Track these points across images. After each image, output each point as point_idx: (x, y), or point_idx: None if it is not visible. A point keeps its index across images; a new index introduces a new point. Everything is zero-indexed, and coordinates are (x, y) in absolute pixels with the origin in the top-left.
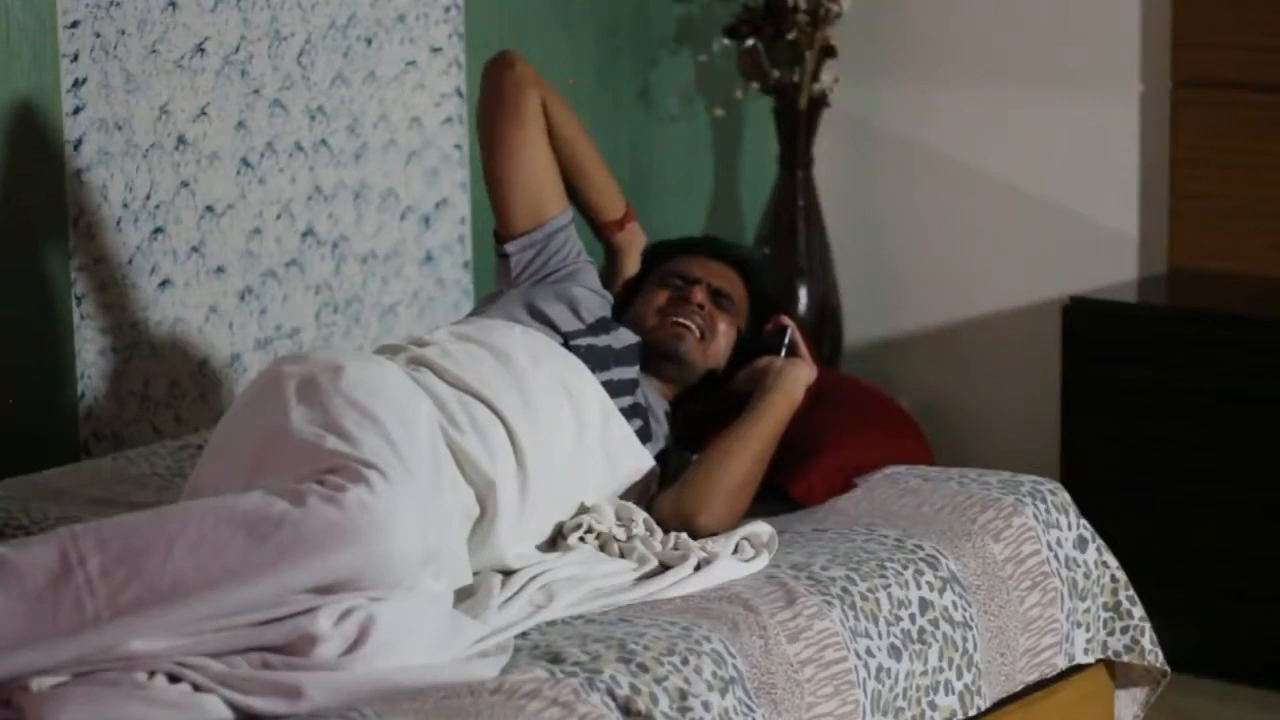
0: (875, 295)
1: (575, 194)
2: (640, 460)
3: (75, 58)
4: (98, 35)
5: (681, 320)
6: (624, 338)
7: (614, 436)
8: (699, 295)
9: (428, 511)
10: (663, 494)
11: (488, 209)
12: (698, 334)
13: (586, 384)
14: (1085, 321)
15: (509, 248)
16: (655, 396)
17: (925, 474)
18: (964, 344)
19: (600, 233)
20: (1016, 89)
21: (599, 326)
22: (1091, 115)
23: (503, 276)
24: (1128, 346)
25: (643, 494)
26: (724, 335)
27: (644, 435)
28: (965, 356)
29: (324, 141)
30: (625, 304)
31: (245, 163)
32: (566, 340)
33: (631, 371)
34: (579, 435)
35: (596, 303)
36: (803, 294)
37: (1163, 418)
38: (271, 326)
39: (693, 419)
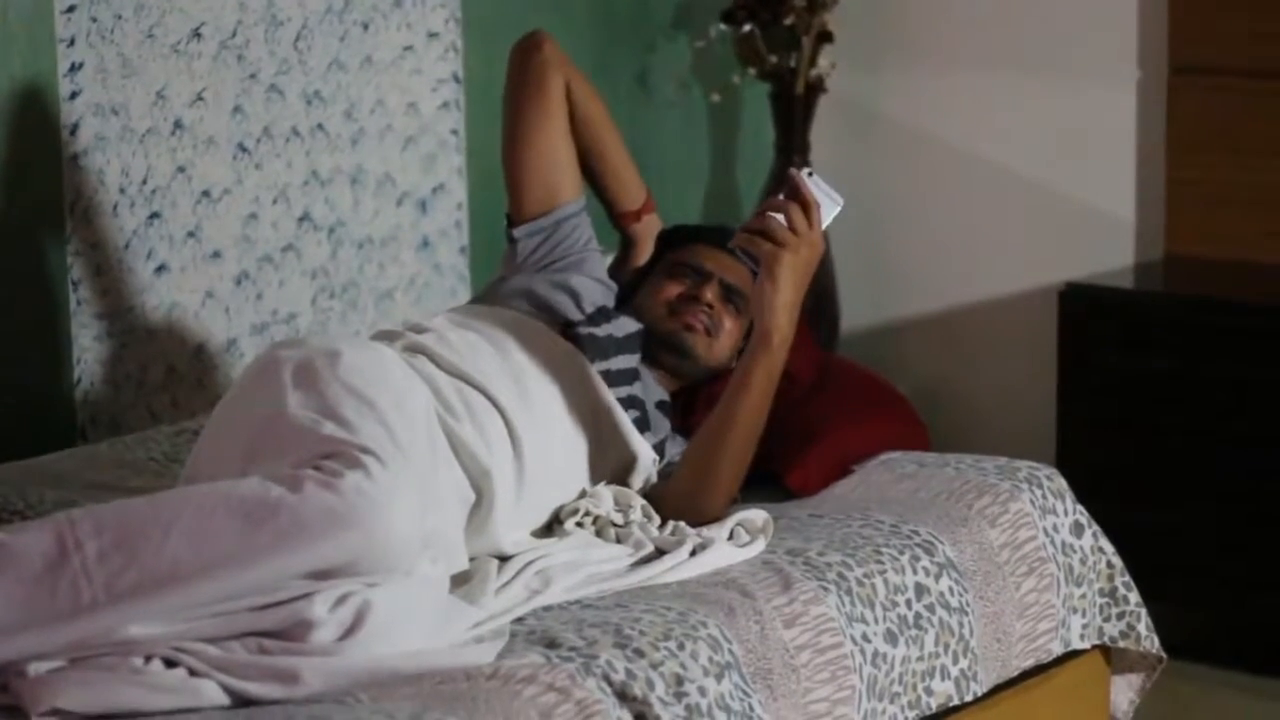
0: (872, 281)
1: (594, 180)
2: (637, 450)
3: (72, 42)
4: (94, 20)
5: (691, 319)
6: (625, 326)
7: (611, 426)
8: (708, 294)
9: (424, 497)
10: (662, 486)
11: (485, 194)
12: (704, 332)
13: (584, 374)
14: (1081, 307)
15: (517, 232)
16: (655, 386)
17: (922, 459)
18: (961, 329)
19: (617, 222)
20: (1013, 75)
21: (599, 316)
22: (1088, 101)
23: (509, 260)
24: (1124, 332)
25: (641, 483)
26: (730, 333)
27: (641, 425)
28: (962, 342)
29: (321, 126)
30: (633, 288)
31: (242, 148)
32: (565, 329)
33: (633, 360)
34: (576, 425)
35: (599, 292)
36: None
37: (1159, 403)
38: (268, 311)
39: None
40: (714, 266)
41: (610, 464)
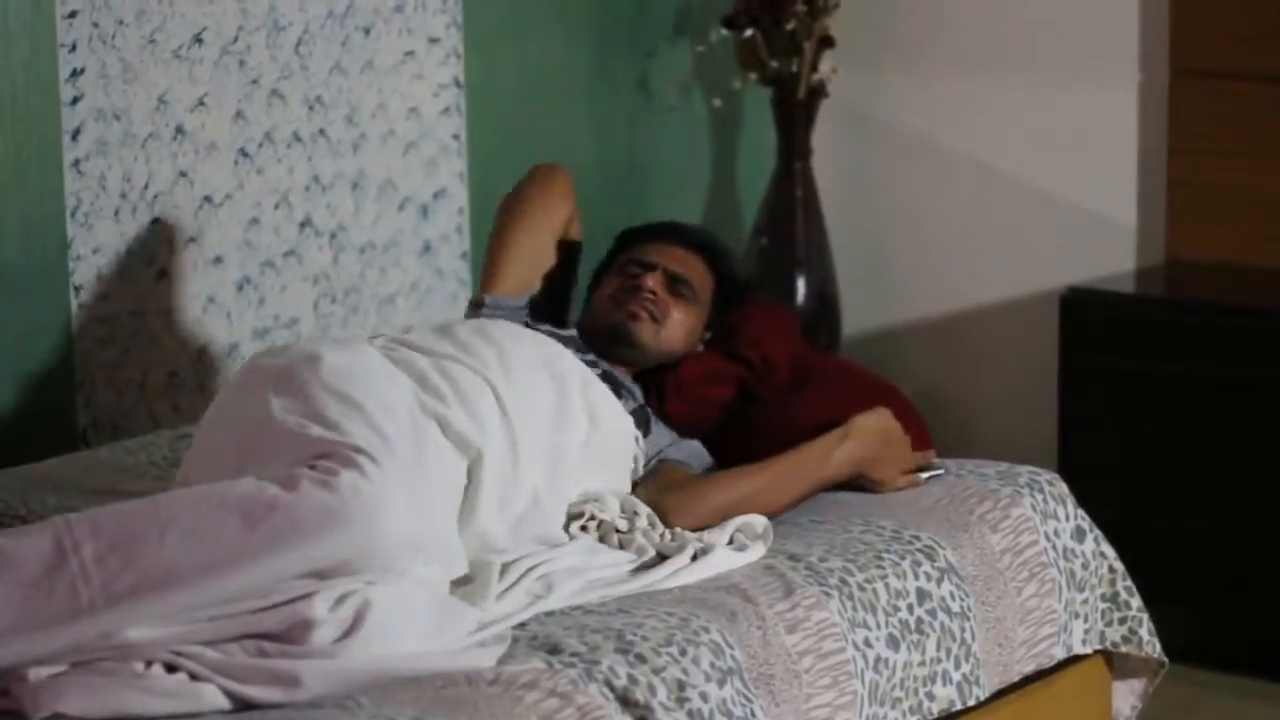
0: (873, 285)
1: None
2: (620, 420)
3: (73, 48)
4: (95, 25)
5: (632, 307)
6: (576, 338)
7: (594, 398)
8: (649, 282)
9: (415, 496)
10: (654, 483)
11: (486, 199)
12: (649, 319)
13: (562, 352)
14: (1082, 312)
15: (488, 298)
16: (618, 371)
17: (922, 462)
18: (962, 334)
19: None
20: (1015, 78)
21: (555, 326)
22: (1090, 104)
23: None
24: (1125, 337)
25: (624, 456)
26: (679, 322)
27: (615, 394)
28: (963, 347)
29: (322, 131)
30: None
31: (243, 153)
32: (529, 325)
33: (590, 355)
34: (560, 396)
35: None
36: (801, 285)
37: (1160, 408)
38: (270, 317)
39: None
40: (658, 258)
41: (596, 433)
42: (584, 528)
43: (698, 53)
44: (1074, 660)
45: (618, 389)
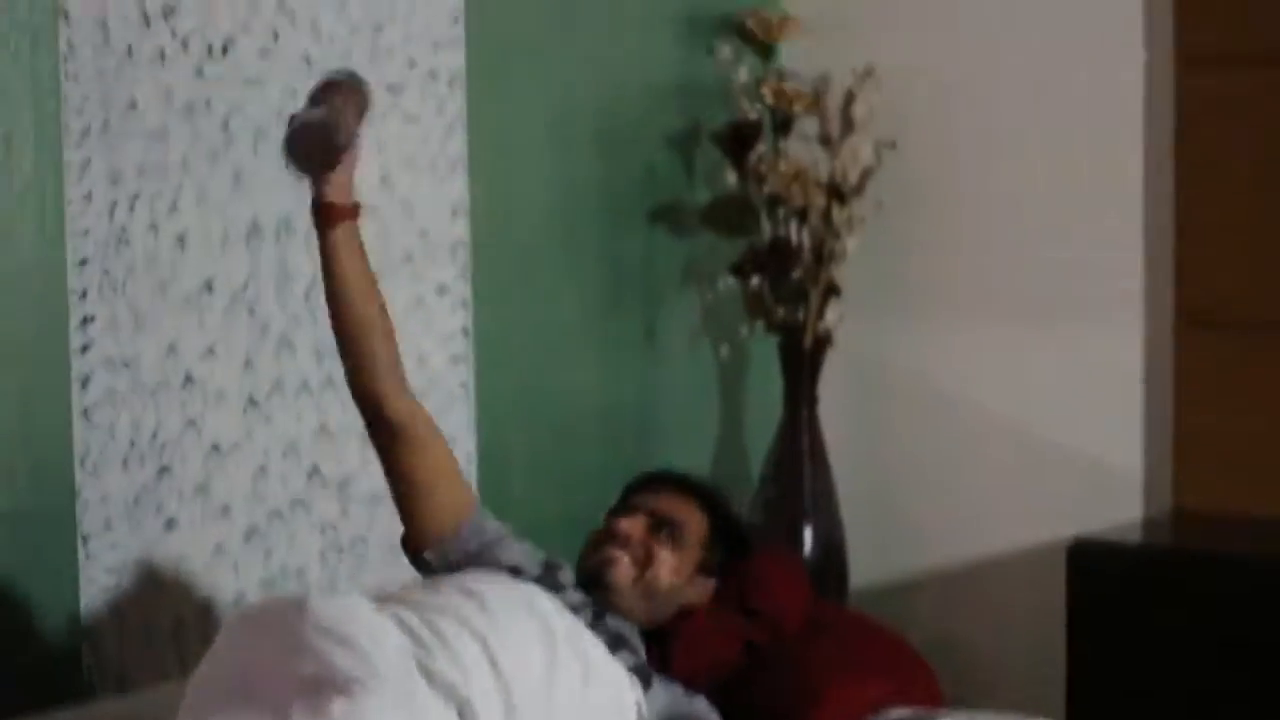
0: (880, 534)
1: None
2: (613, 671)
3: (84, 295)
4: (106, 272)
5: (608, 552)
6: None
7: (584, 647)
8: (623, 525)
9: (411, 707)
10: None
11: (494, 449)
12: (628, 562)
13: (546, 599)
14: (1089, 562)
15: (429, 554)
16: (621, 621)
17: (932, 717)
18: (971, 584)
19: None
20: (1021, 327)
21: (546, 577)
22: (1095, 351)
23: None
24: (1131, 587)
25: (623, 708)
26: (666, 563)
27: (613, 646)
28: (972, 596)
29: (330, 380)
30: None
31: (252, 401)
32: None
33: (595, 608)
34: (548, 644)
35: (530, 560)
36: (808, 534)
37: (1169, 660)
38: (276, 567)
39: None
40: (651, 503)
41: (590, 683)
42: None
43: (705, 301)
44: None
45: (618, 643)
